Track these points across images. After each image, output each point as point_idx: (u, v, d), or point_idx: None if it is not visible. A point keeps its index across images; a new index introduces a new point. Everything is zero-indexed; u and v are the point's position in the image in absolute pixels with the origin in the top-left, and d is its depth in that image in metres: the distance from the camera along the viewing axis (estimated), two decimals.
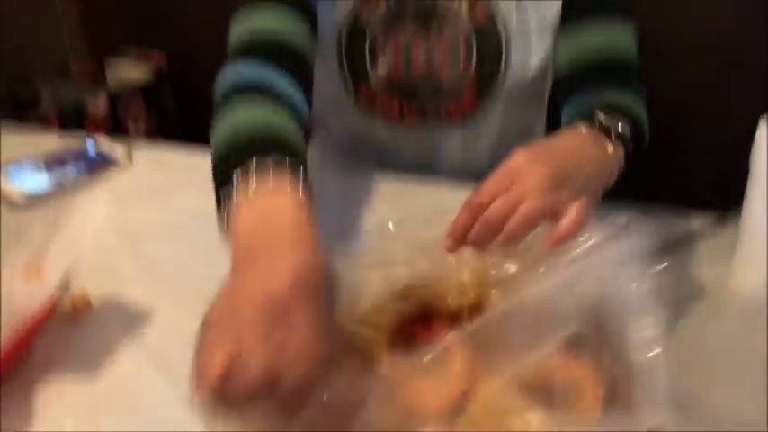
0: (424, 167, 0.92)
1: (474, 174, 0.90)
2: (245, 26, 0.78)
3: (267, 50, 0.75)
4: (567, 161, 0.59)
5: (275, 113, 0.68)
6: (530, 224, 0.54)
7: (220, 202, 0.60)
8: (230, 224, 0.56)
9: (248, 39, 0.77)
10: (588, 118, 0.66)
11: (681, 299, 0.68)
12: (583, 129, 0.65)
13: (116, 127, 1.54)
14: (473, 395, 0.50)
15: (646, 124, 0.74)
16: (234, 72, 0.74)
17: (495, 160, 0.90)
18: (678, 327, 0.64)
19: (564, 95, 0.81)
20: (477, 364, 0.52)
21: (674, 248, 0.73)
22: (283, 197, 0.55)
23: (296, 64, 0.75)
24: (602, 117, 0.65)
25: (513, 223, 0.54)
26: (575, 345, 0.52)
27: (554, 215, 0.55)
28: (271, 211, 0.54)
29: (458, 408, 0.50)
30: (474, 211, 0.56)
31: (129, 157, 0.96)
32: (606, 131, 0.64)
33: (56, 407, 0.58)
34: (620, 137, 0.65)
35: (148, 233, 0.81)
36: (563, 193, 0.55)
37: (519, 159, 0.58)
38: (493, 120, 0.88)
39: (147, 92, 1.59)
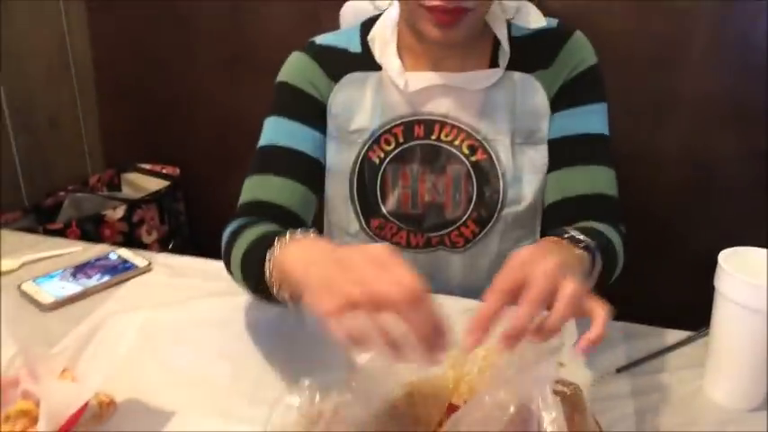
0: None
1: (473, 293, 0.98)
2: (252, 194, 0.91)
3: (270, 214, 0.88)
4: (562, 255, 0.65)
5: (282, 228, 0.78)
6: (574, 305, 0.59)
7: (258, 286, 0.72)
8: (281, 262, 0.67)
9: (255, 205, 0.90)
10: (559, 234, 0.74)
11: (658, 403, 0.74)
12: (553, 238, 0.73)
13: (131, 236, 1.61)
14: None
15: (616, 246, 0.83)
16: (240, 221, 0.85)
17: (492, 281, 1.00)
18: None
19: (548, 224, 0.91)
20: None
21: (649, 359, 0.80)
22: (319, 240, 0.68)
23: (293, 223, 0.83)
24: (570, 231, 0.73)
25: (562, 303, 0.58)
26: None
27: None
28: (316, 246, 0.67)
29: None
30: (502, 295, 0.59)
31: (149, 264, 1.03)
32: (571, 239, 0.72)
33: None
34: (584, 245, 0.72)
35: (167, 336, 0.86)
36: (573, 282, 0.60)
37: (526, 253, 0.62)
38: (492, 245, 0.97)
39: (160, 202, 1.67)
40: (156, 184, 1.75)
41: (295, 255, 0.66)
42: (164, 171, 1.81)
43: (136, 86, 1.87)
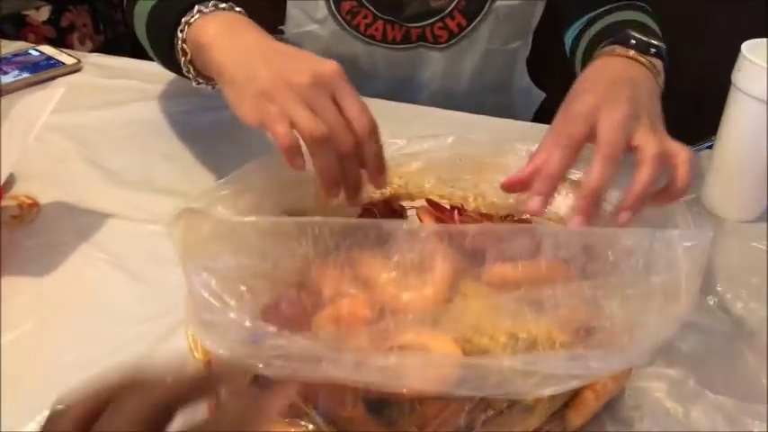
0: (401, 93, 0.88)
1: (453, 98, 0.88)
2: None
3: None
4: (634, 92, 0.52)
5: None
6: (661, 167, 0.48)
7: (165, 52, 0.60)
8: (195, 37, 0.55)
9: None
10: (617, 38, 0.60)
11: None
12: (618, 49, 0.59)
13: (61, 45, 1.43)
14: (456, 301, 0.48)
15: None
16: None
17: (473, 87, 0.91)
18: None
19: (564, 13, 0.78)
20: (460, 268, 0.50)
21: None
22: (240, 16, 0.56)
23: None
24: (632, 33, 0.60)
25: (645, 183, 0.47)
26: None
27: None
28: (238, 22, 0.55)
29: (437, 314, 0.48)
30: (571, 152, 0.48)
31: (78, 63, 0.89)
32: (639, 44, 0.59)
33: (15, 308, 0.54)
34: (656, 50, 0.59)
35: (101, 139, 0.76)
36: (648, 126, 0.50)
37: (589, 100, 0.50)
38: (478, 43, 0.85)
39: (93, 5, 1.47)
40: None
41: (218, 30, 0.54)
42: None
43: None
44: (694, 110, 0.94)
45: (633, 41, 0.59)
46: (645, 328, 0.41)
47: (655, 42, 0.60)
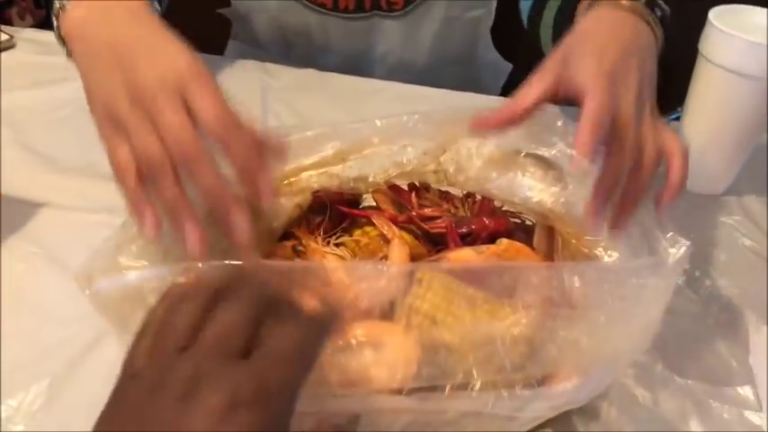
0: (358, 67, 0.84)
1: (414, 73, 0.84)
2: None
3: None
4: (642, 73, 0.44)
5: None
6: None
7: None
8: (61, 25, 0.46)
9: None
10: None
11: None
12: (625, 2, 0.49)
13: None
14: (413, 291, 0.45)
15: None
16: None
17: (434, 60, 0.86)
18: None
19: None
20: (418, 254, 0.47)
21: None
22: None
23: None
24: None
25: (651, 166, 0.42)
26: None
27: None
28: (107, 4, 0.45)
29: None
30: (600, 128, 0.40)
31: (11, 39, 0.83)
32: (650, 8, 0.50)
33: None
34: (661, 13, 0.51)
35: (37, 121, 0.71)
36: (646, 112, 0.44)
37: (603, 83, 0.41)
38: (436, 11, 0.81)
39: None
40: None
41: (85, 17, 0.45)
42: None
43: None
44: (660, 79, 0.91)
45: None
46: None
47: (662, 6, 0.51)
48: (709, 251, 0.60)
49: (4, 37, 0.83)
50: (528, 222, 0.51)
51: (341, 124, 0.47)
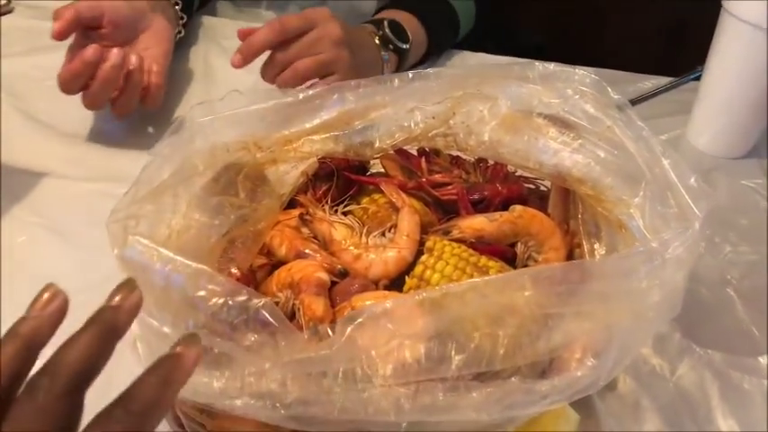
0: None
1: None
2: None
3: None
4: (357, 36, 0.67)
5: None
6: (318, 69, 0.63)
7: None
8: None
9: None
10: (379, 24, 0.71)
11: None
12: (370, 28, 0.71)
13: None
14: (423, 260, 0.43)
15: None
16: None
17: None
18: None
19: None
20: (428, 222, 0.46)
21: (633, 103, 0.68)
22: None
23: None
24: (387, 31, 0.70)
25: (308, 63, 0.62)
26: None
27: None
28: None
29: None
30: (277, 32, 0.61)
31: (8, 3, 0.81)
32: (386, 43, 0.70)
33: None
34: (397, 50, 0.70)
35: (36, 89, 0.69)
36: (344, 54, 0.63)
37: (324, 12, 0.64)
38: None
39: None
40: None
41: None
42: None
43: None
44: (678, 37, 0.88)
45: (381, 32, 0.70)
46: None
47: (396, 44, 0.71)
48: (729, 216, 0.58)
49: (2, 2, 0.81)
50: (543, 188, 0.49)
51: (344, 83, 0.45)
